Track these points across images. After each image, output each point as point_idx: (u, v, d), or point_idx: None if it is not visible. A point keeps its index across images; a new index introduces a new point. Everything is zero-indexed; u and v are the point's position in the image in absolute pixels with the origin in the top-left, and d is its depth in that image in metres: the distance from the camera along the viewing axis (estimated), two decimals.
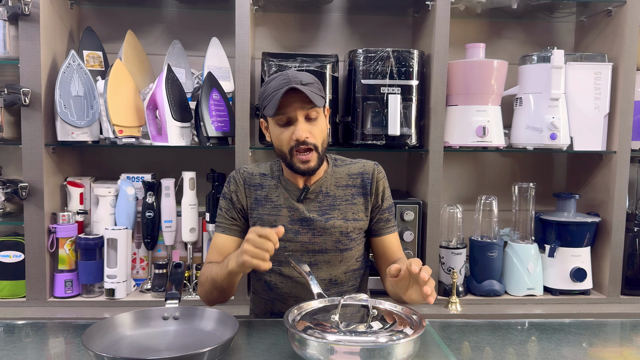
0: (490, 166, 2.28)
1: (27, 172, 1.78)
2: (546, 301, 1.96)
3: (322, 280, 1.40)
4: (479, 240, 1.97)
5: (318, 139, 1.36)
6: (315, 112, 1.35)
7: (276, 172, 1.48)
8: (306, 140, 1.33)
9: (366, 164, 1.49)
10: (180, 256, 1.97)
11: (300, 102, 1.32)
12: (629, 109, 1.94)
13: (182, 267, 1.32)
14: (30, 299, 1.81)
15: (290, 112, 1.33)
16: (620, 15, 1.94)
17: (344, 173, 1.47)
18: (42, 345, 1.16)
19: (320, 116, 1.37)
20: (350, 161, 1.51)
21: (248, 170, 1.48)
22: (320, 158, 1.38)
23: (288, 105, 1.32)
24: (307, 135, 1.33)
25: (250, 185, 1.46)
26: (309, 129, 1.34)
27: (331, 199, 1.43)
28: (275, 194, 1.44)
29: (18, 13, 1.71)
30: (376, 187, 1.46)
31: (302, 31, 2.18)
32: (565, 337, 1.20)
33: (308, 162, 1.35)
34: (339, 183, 1.45)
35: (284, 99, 1.30)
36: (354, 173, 1.47)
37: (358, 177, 1.47)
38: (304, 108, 1.32)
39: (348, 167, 1.48)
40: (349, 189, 1.45)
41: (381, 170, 1.50)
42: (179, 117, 1.85)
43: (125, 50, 1.93)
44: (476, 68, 1.92)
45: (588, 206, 2.11)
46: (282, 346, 1.12)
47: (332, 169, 1.47)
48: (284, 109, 1.32)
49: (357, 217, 1.44)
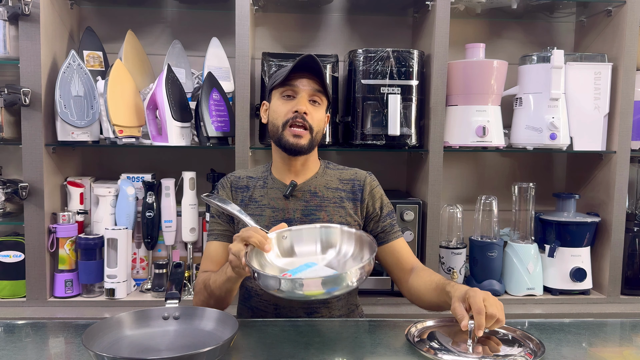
0: (490, 166, 2.28)
1: (27, 172, 1.78)
2: (546, 301, 1.96)
3: None
4: (479, 240, 1.97)
5: (315, 123, 1.37)
6: (319, 99, 1.38)
7: (264, 172, 1.48)
8: (305, 116, 1.35)
9: (358, 172, 1.50)
10: (180, 256, 1.97)
11: (310, 82, 1.36)
12: (628, 109, 1.94)
13: (182, 267, 1.31)
14: (30, 299, 1.81)
15: (299, 86, 1.36)
16: (620, 15, 1.94)
17: (335, 177, 1.47)
18: (42, 345, 1.16)
19: (322, 108, 1.40)
20: (344, 167, 1.52)
21: (236, 175, 1.50)
22: (311, 143, 1.37)
23: (298, 80, 1.36)
24: (307, 112, 1.35)
25: (236, 188, 1.46)
26: (310, 110, 1.36)
27: (319, 199, 1.42)
28: (259, 194, 1.43)
29: (18, 13, 1.71)
30: (370, 194, 1.45)
31: (302, 31, 2.18)
32: (565, 337, 1.20)
33: (300, 137, 1.35)
34: (329, 185, 1.45)
35: (296, 75, 1.35)
36: (345, 178, 1.47)
37: (349, 183, 1.46)
38: (312, 88, 1.36)
39: (340, 172, 1.49)
40: (338, 192, 1.44)
41: (374, 179, 1.50)
42: (179, 117, 1.85)
43: (125, 50, 1.93)
44: (476, 68, 1.92)
45: (588, 206, 2.11)
46: (282, 346, 1.12)
47: (324, 170, 1.48)
48: (294, 82, 1.36)
49: (344, 220, 1.41)
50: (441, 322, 1.22)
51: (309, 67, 1.36)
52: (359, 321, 1.34)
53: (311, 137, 1.37)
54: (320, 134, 1.41)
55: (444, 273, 1.96)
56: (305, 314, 1.39)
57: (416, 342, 1.12)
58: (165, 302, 1.18)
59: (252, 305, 1.43)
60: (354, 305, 1.49)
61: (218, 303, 1.31)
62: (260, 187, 1.44)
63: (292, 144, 1.35)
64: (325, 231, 1.25)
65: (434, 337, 1.15)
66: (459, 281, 1.94)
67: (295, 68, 1.35)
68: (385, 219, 1.46)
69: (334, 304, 1.41)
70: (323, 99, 1.40)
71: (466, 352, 1.08)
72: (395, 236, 1.45)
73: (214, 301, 1.31)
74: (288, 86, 1.37)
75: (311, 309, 1.39)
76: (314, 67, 1.35)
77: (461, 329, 1.10)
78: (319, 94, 1.38)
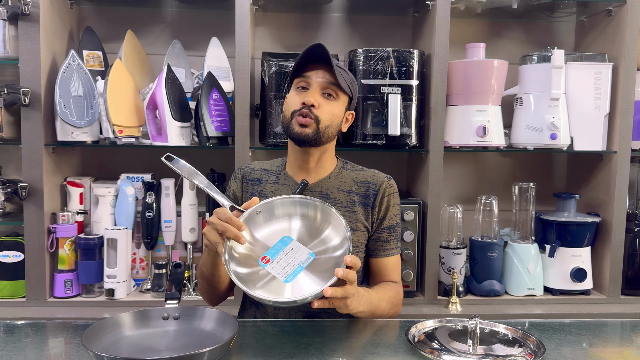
0: (491, 166, 2.28)
1: (27, 172, 1.77)
2: (546, 301, 1.96)
3: None
4: (479, 240, 1.97)
5: (324, 116, 1.33)
6: (333, 92, 1.35)
7: (280, 167, 1.46)
8: (312, 108, 1.32)
9: (377, 175, 1.44)
10: (180, 256, 1.97)
11: (325, 75, 1.34)
12: (629, 109, 1.94)
13: (182, 267, 1.31)
14: (30, 299, 1.80)
15: (312, 76, 1.34)
16: (620, 15, 1.94)
17: (350, 178, 1.42)
18: (42, 345, 1.16)
19: (337, 103, 1.36)
20: (362, 168, 1.47)
21: (250, 166, 1.48)
22: (317, 134, 1.33)
23: (312, 71, 1.34)
24: (315, 104, 1.32)
25: (248, 180, 1.45)
26: (320, 102, 1.33)
27: (329, 202, 1.35)
28: (270, 189, 1.42)
29: (18, 13, 1.71)
30: (381, 200, 1.40)
31: (302, 31, 2.18)
32: (566, 337, 1.20)
33: (305, 127, 1.32)
34: (342, 187, 1.41)
35: (310, 67, 1.34)
36: (361, 181, 1.42)
37: (363, 186, 1.41)
38: (325, 80, 1.34)
39: (357, 173, 1.44)
40: (351, 196, 1.40)
41: (392, 185, 1.43)
42: (179, 117, 1.85)
43: (125, 50, 1.93)
44: (476, 68, 1.92)
45: (588, 206, 2.11)
46: (282, 346, 1.12)
47: (340, 171, 1.43)
48: (307, 73, 1.35)
49: (354, 226, 1.38)
50: (441, 323, 1.22)
51: (319, 56, 1.33)
52: (359, 321, 1.34)
53: (317, 128, 1.32)
54: (333, 130, 1.37)
55: (444, 273, 1.96)
56: (304, 317, 1.38)
57: (416, 343, 1.12)
58: (165, 302, 1.18)
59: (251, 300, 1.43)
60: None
61: (210, 287, 1.35)
62: (273, 182, 1.43)
63: (297, 132, 1.32)
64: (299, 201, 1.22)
65: (435, 337, 1.15)
66: (459, 281, 1.93)
67: (308, 59, 1.33)
68: (383, 232, 1.41)
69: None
70: (339, 93, 1.36)
71: (466, 352, 1.08)
72: (387, 254, 1.41)
73: (206, 283, 1.35)
74: (301, 78, 1.35)
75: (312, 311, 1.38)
76: (323, 57, 1.32)
77: (461, 328, 1.09)
78: (333, 87, 1.34)
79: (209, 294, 1.41)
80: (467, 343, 1.10)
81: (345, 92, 1.37)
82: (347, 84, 1.37)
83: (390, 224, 1.42)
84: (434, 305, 1.90)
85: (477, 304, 1.93)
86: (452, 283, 1.87)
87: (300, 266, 1.11)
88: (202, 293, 1.43)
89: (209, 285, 1.36)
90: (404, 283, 1.90)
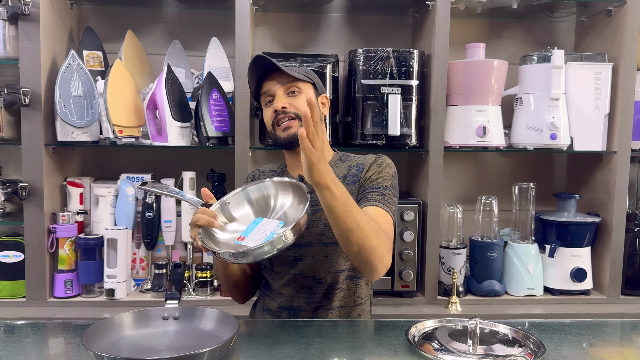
0: (490, 166, 2.28)
1: (27, 172, 1.77)
2: (546, 301, 1.96)
3: (305, 277, 1.37)
4: (479, 240, 1.97)
5: (300, 109, 1.36)
6: (296, 87, 1.39)
7: (283, 167, 1.50)
8: (285, 109, 1.36)
9: (367, 156, 1.44)
10: (180, 256, 1.97)
11: (278, 80, 1.38)
12: (629, 109, 1.94)
13: (182, 267, 1.31)
14: (30, 299, 1.80)
15: (270, 88, 1.39)
16: (620, 15, 1.94)
17: (344, 167, 1.44)
18: (42, 345, 1.16)
19: (303, 93, 1.38)
20: (357, 157, 1.47)
21: (260, 169, 1.56)
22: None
23: (268, 84, 1.39)
24: (284, 105, 1.36)
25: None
26: (289, 101, 1.38)
27: None
28: None
29: (18, 13, 1.71)
30: (367, 171, 1.38)
31: (302, 31, 2.18)
32: (566, 337, 1.20)
33: (289, 128, 1.36)
34: (337, 176, 1.42)
35: (265, 82, 1.39)
36: (353, 165, 1.43)
37: (354, 167, 1.42)
38: (282, 83, 1.38)
39: (351, 161, 1.45)
40: (345, 180, 1.40)
41: (380, 157, 1.41)
42: (179, 117, 1.85)
43: (125, 50, 1.93)
44: (476, 68, 1.92)
45: (588, 206, 2.11)
46: (282, 346, 1.12)
47: (335, 162, 1.45)
48: (265, 89, 1.40)
49: None
50: (441, 323, 1.22)
51: (264, 68, 1.37)
52: (359, 321, 1.34)
53: (300, 124, 1.35)
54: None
55: (444, 273, 1.96)
56: (306, 303, 1.38)
57: (416, 342, 1.12)
58: (165, 302, 1.18)
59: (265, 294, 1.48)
60: (360, 299, 1.42)
61: (229, 283, 1.43)
62: None
63: (285, 137, 1.37)
64: (262, 186, 1.32)
65: (435, 337, 1.15)
66: (459, 281, 1.93)
67: (259, 77, 1.40)
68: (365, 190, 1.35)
69: (336, 294, 1.39)
70: (300, 85, 1.39)
71: (466, 352, 1.08)
72: (366, 205, 1.32)
73: (225, 281, 1.43)
74: (263, 95, 1.41)
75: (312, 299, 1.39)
76: (267, 66, 1.37)
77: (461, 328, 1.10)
78: (291, 84, 1.38)
79: (232, 293, 1.49)
80: (467, 343, 1.10)
81: (305, 81, 1.41)
82: (302, 73, 1.41)
83: (373, 184, 1.36)
84: (434, 305, 1.90)
85: (477, 304, 1.93)
86: (452, 283, 1.87)
87: (272, 233, 1.18)
88: (227, 292, 1.55)
89: (228, 283, 1.43)
90: (404, 283, 1.90)
